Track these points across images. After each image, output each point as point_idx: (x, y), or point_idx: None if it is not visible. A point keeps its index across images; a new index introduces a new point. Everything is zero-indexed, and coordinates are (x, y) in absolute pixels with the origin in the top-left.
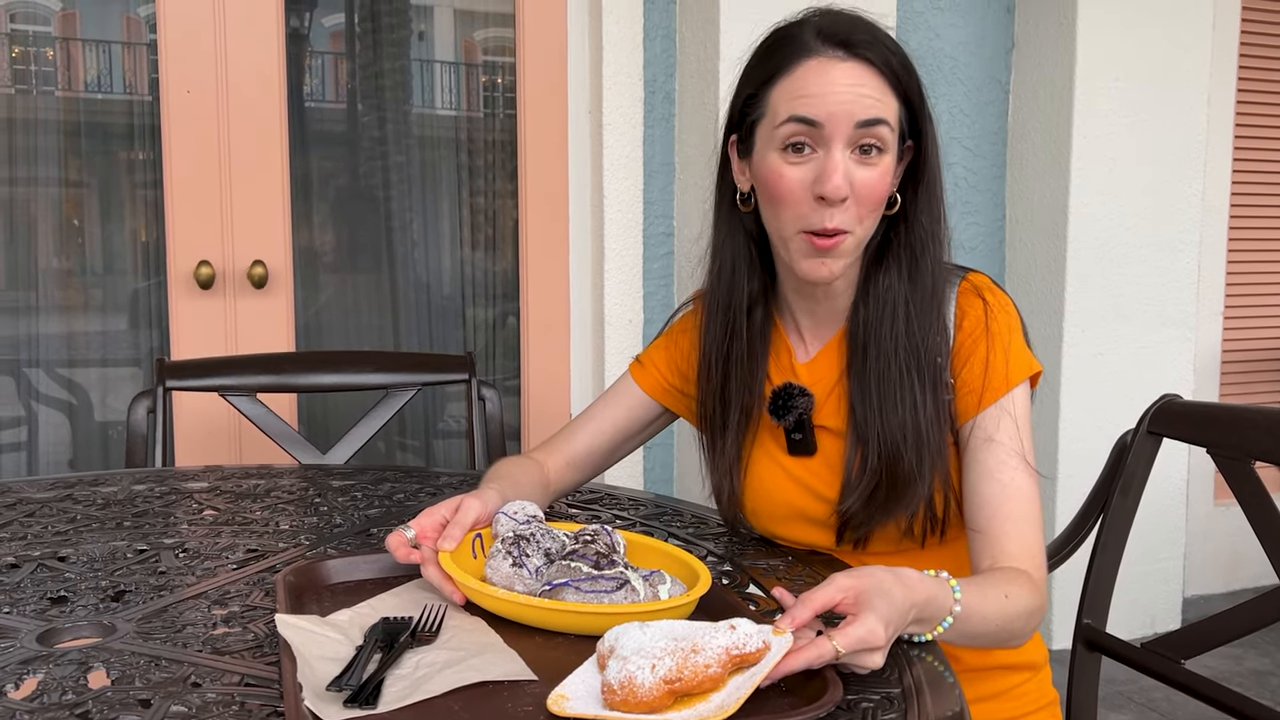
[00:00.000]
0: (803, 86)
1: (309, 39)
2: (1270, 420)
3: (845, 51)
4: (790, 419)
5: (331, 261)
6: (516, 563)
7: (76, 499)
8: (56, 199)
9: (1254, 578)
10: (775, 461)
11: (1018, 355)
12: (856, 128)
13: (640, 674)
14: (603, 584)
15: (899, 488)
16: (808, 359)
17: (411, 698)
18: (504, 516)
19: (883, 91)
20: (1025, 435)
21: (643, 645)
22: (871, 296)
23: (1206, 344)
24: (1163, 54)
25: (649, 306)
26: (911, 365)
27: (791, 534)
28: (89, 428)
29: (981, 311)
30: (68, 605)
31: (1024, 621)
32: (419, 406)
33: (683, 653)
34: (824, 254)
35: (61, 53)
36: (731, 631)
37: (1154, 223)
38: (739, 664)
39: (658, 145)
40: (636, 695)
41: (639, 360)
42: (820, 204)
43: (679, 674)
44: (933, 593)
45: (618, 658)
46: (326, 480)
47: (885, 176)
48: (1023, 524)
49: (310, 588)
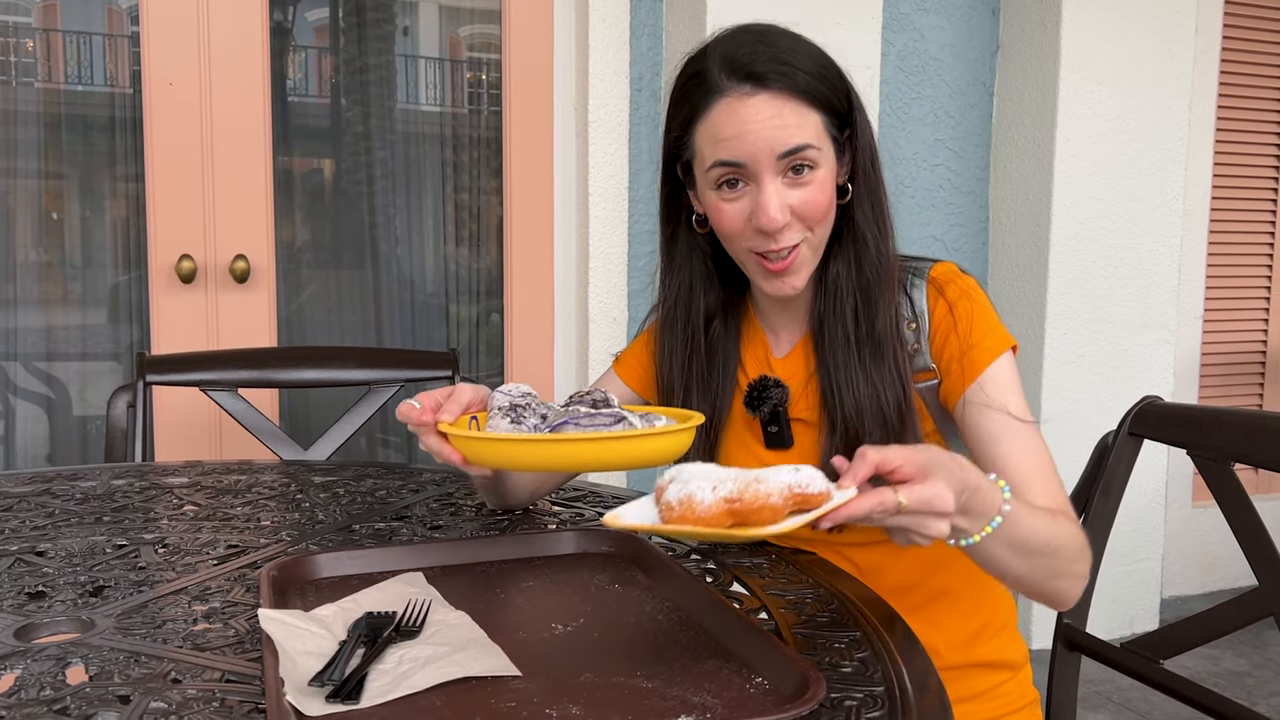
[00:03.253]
0: (719, 129)
1: (293, 33)
2: (1249, 422)
3: (752, 85)
4: (765, 410)
5: (314, 256)
6: (515, 420)
7: (55, 493)
8: (36, 191)
9: (1231, 579)
10: (753, 456)
11: (993, 330)
12: (780, 159)
13: (700, 492)
14: (600, 419)
15: None
16: (782, 354)
17: (394, 693)
18: (499, 394)
19: (799, 113)
20: (1016, 397)
21: (707, 471)
22: (824, 286)
23: (1186, 347)
24: (1146, 58)
25: (634, 304)
26: (865, 347)
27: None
28: (67, 422)
29: (952, 295)
30: (46, 600)
31: (1074, 553)
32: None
33: (745, 480)
34: (782, 276)
35: (42, 44)
36: (795, 473)
37: (1135, 226)
38: (800, 503)
39: (643, 143)
40: (695, 511)
41: (620, 356)
42: (763, 235)
43: (739, 495)
44: (982, 483)
45: (678, 482)
46: (308, 476)
47: (824, 188)
48: (1038, 476)
49: (294, 583)
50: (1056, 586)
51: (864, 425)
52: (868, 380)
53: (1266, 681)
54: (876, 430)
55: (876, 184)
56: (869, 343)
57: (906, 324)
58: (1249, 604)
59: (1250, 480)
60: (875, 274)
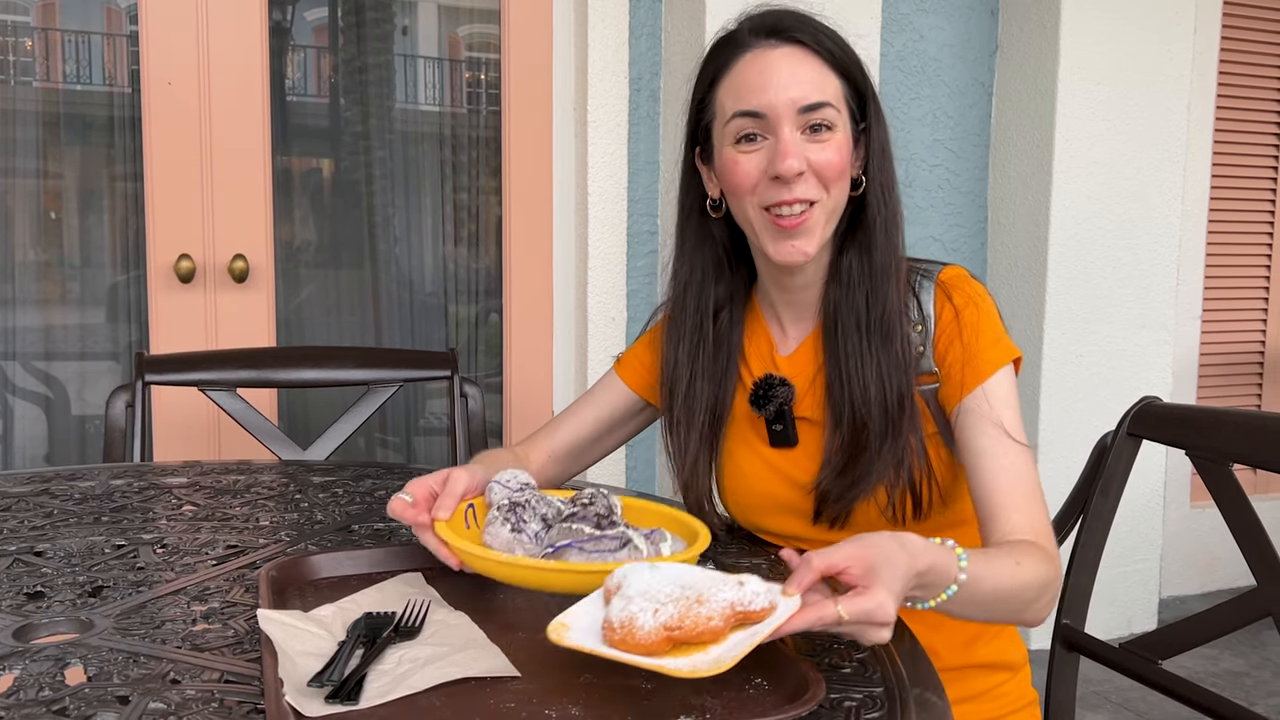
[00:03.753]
0: (744, 80)
1: (292, 32)
2: (1248, 423)
3: (777, 39)
4: (770, 409)
5: (313, 256)
6: (515, 528)
7: (53, 493)
8: (35, 191)
9: (1229, 579)
10: (756, 454)
11: (998, 341)
12: (800, 113)
13: (642, 616)
14: (606, 543)
15: (868, 455)
16: (788, 352)
17: (393, 694)
18: (497, 485)
19: (820, 71)
20: (1012, 414)
21: (649, 587)
22: (838, 276)
23: (1185, 347)
24: (1144, 58)
25: (632, 304)
26: (874, 335)
27: (773, 525)
28: (66, 422)
29: (959, 301)
30: (44, 601)
31: (1038, 592)
32: (400, 403)
33: (687, 601)
34: (792, 234)
35: (40, 43)
36: (740, 587)
37: (1134, 226)
38: (742, 620)
39: (642, 143)
40: (635, 637)
41: (621, 358)
42: (777, 183)
43: (680, 622)
44: (936, 560)
45: (623, 596)
46: (307, 476)
47: (840, 151)
48: (1023, 498)
49: (293, 583)
50: (1020, 619)
51: (870, 414)
52: (875, 368)
53: (1265, 682)
54: (879, 420)
55: (889, 178)
56: (878, 330)
57: (913, 325)
58: (1247, 604)
59: (1248, 480)
60: (885, 264)
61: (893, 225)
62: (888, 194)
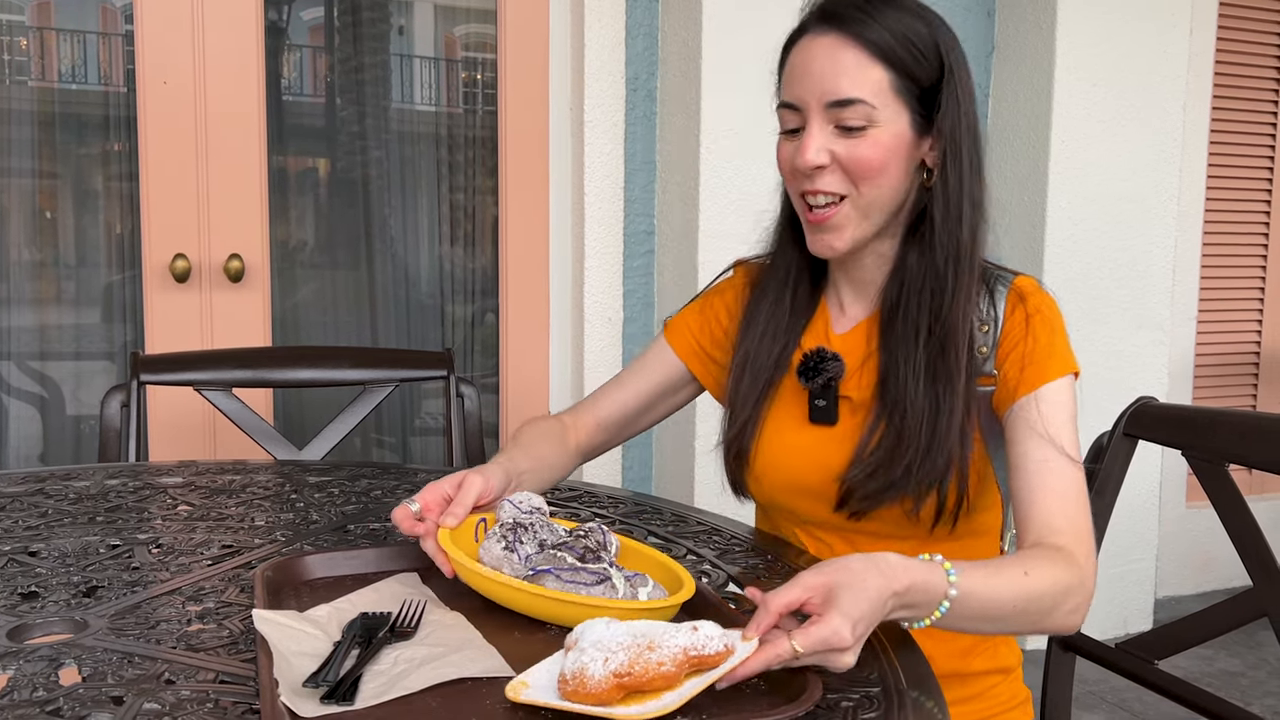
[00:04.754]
0: (790, 70)
1: (288, 32)
2: (1244, 423)
3: (828, 25)
4: (819, 381)
5: (309, 256)
6: (509, 547)
7: (48, 493)
8: (30, 190)
9: (1225, 579)
10: (793, 428)
11: (1058, 351)
12: (828, 108)
13: (592, 666)
14: (584, 576)
15: (903, 464)
16: (843, 330)
17: (389, 694)
18: (509, 504)
19: (861, 63)
20: (1068, 425)
21: (602, 638)
22: (899, 272)
23: (1181, 347)
24: (1141, 59)
25: (629, 304)
26: (931, 344)
27: (795, 505)
28: (61, 422)
29: (1031, 308)
30: (39, 601)
31: (1054, 600)
32: (396, 403)
33: (638, 648)
34: (821, 229)
35: (35, 42)
36: (694, 632)
37: (1130, 227)
38: (697, 665)
39: (639, 143)
40: (586, 686)
41: (671, 322)
42: (803, 175)
43: (629, 669)
44: (919, 578)
45: (577, 649)
46: (303, 476)
47: (876, 147)
48: (1064, 500)
49: (288, 583)
50: (1044, 628)
51: (914, 426)
52: (928, 382)
53: (1261, 682)
54: (925, 434)
55: (964, 172)
56: (936, 338)
57: (979, 325)
58: (1243, 604)
59: (1244, 481)
60: (950, 264)
61: (961, 223)
62: (958, 190)
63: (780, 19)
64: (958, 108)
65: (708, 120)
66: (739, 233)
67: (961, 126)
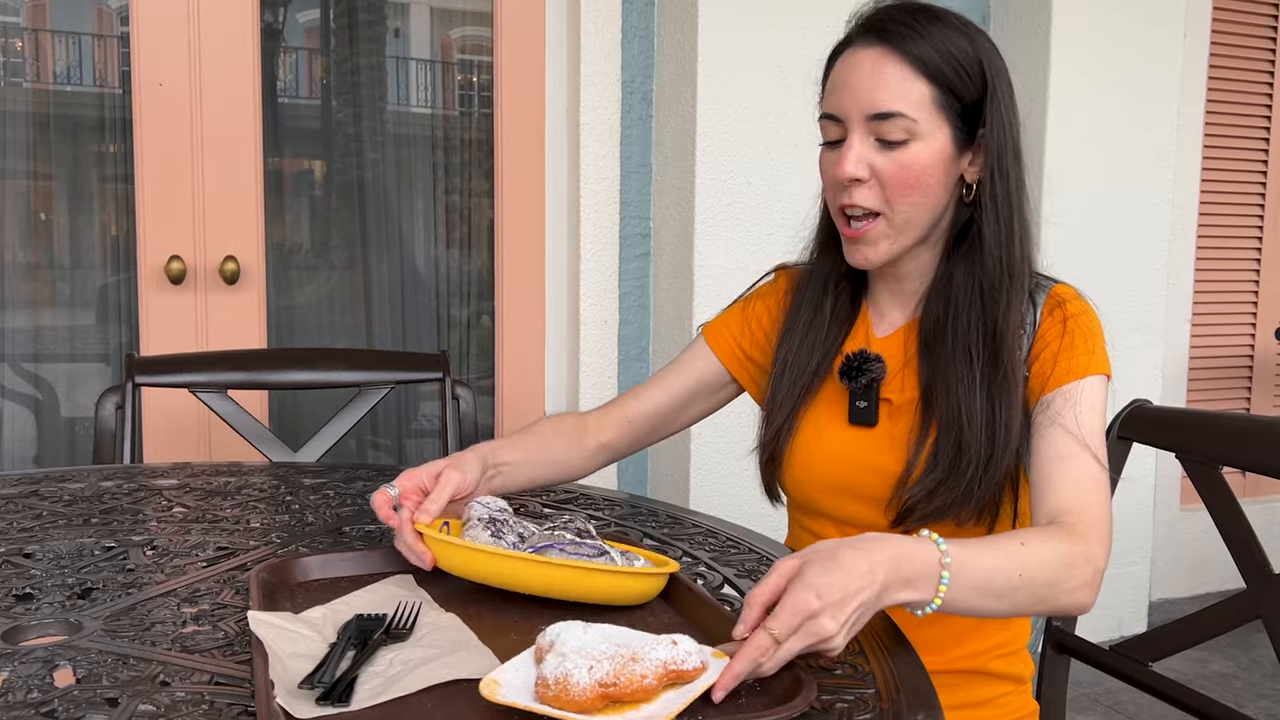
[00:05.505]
0: (833, 80)
1: (283, 34)
2: (1238, 426)
3: (874, 37)
4: (862, 381)
5: (305, 258)
6: (496, 534)
7: (43, 495)
8: (24, 192)
9: (1219, 581)
10: (833, 429)
11: (1093, 354)
12: (869, 120)
13: (576, 673)
14: (585, 549)
15: (965, 481)
16: (883, 334)
17: (384, 695)
18: (477, 504)
19: (904, 78)
20: (1093, 424)
21: (584, 645)
22: (944, 288)
23: (1175, 350)
24: (1135, 65)
25: (624, 307)
26: (984, 361)
27: (835, 505)
28: (55, 424)
29: (1070, 310)
30: (33, 603)
31: (1058, 572)
32: (391, 405)
33: (622, 659)
34: (857, 242)
35: (31, 43)
36: (673, 646)
37: (1124, 231)
38: (674, 679)
39: (635, 146)
40: (569, 694)
41: (711, 324)
42: (841, 187)
43: (614, 679)
44: (906, 549)
45: (557, 654)
46: (298, 478)
47: (916, 161)
48: (1080, 488)
49: (283, 585)
50: (1055, 605)
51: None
52: (985, 396)
53: (1254, 684)
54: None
55: (1009, 188)
56: (989, 353)
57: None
58: (1237, 607)
59: (1238, 483)
60: (997, 281)
61: (1009, 242)
62: (1003, 208)
63: (776, 22)
64: (1003, 125)
65: (703, 123)
66: (734, 235)
67: (1008, 143)
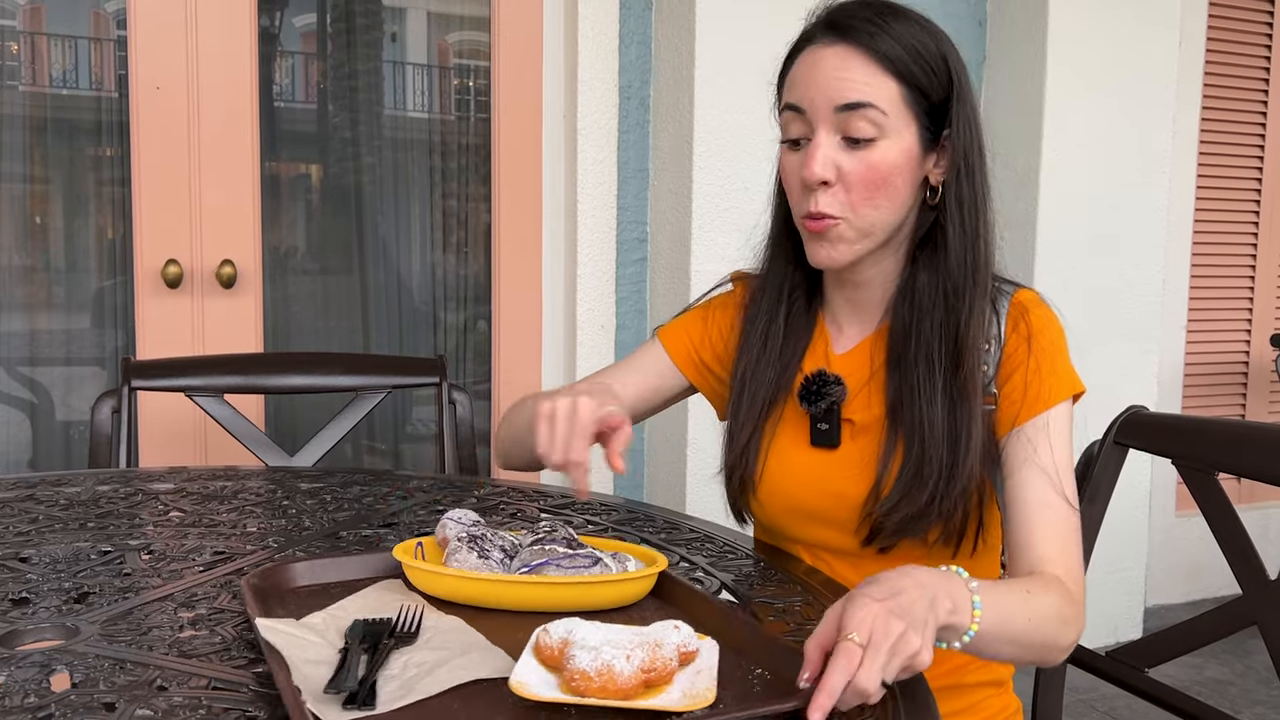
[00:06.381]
0: (795, 75)
1: (280, 38)
2: (1233, 432)
3: (836, 35)
4: (822, 405)
5: (301, 262)
6: (482, 554)
7: (39, 499)
8: (20, 195)
9: (1214, 588)
10: (796, 452)
11: (1061, 373)
12: (837, 111)
13: (617, 663)
14: (579, 560)
15: (927, 491)
16: (843, 350)
17: (407, 698)
18: (450, 521)
19: (871, 74)
20: (1063, 456)
21: (609, 638)
22: (909, 295)
23: (1170, 356)
24: (1131, 70)
25: (621, 312)
26: (945, 365)
27: (799, 528)
28: (51, 427)
29: (1035, 326)
30: (30, 607)
31: (1057, 626)
32: (388, 409)
33: (650, 645)
34: (819, 237)
35: (27, 47)
36: (677, 630)
37: (1120, 236)
38: (684, 661)
39: (632, 151)
40: (615, 683)
41: (667, 329)
42: (806, 190)
43: (651, 665)
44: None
45: (583, 648)
46: (295, 482)
47: (882, 161)
48: (1061, 539)
49: (275, 591)
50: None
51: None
52: (945, 403)
53: (1249, 690)
54: (946, 454)
55: (973, 193)
56: (950, 358)
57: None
58: (1232, 613)
59: (1234, 489)
60: (962, 286)
61: (974, 245)
62: (969, 211)
63: (773, 27)
64: (969, 124)
65: (700, 128)
66: (731, 240)
67: (973, 143)
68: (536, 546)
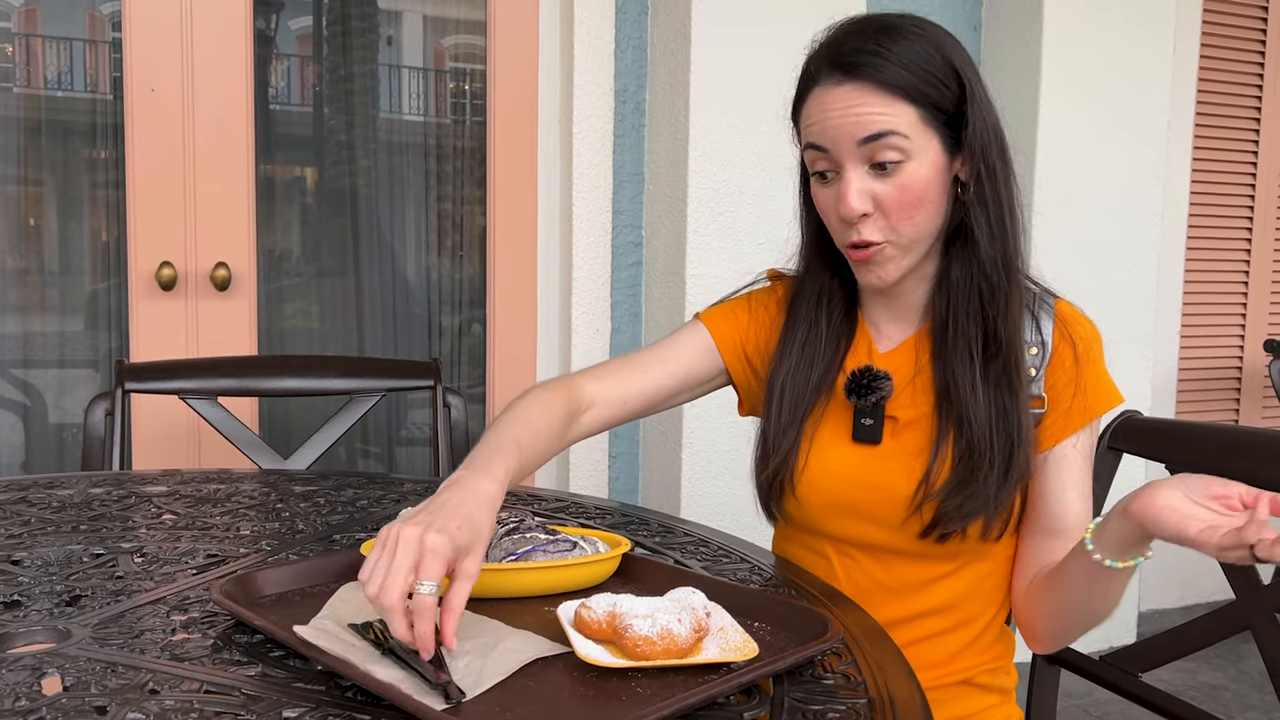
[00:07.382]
0: (809, 115)
1: (276, 41)
2: (1226, 437)
3: (842, 74)
4: (870, 399)
5: (296, 265)
6: None
7: (31, 501)
8: (15, 197)
9: (1208, 593)
10: (837, 448)
11: (1105, 386)
12: (860, 144)
13: (674, 626)
14: (561, 545)
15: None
16: (886, 349)
17: (485, 683)
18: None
19: (887, 104)
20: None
21: (657, 605)
22: (946, 288)
23: (1164, 361)
24: (1125, 74)
25: (616, 315)
26: (991, 355)
27: (835, 524)
28: (44, 430)
29: (1081, 337)
30: (21, 610)
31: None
32: (382, 413)
33: (689, 609)
34: (868, 265)
35: (21, 49)
36: (694, 594)
37: (1114, 241)
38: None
39: (627, 155)
40: (677, 644)
41: (710, 313)
42: (845, 223)
43: (698, 625)
44: None
45: (637, 616)
46: (288, 485)
47: (913, 181)
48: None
49: (244, 598)
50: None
51: (984, 435)
52: (993, 403)
53: (1243, 695)
54: (997, 444)
55: (997, 183)
56: (991, 345)
57: (1028, 347)
58: (1226, 618)
59: None
60: (996, 276)
61: (1003, 235)
62: (994, 203)
63: (769, 32)
64: (984, 123)
65: (695, 132)
66: (726, 244)
67: (991, 140)
68: (516, 535)
